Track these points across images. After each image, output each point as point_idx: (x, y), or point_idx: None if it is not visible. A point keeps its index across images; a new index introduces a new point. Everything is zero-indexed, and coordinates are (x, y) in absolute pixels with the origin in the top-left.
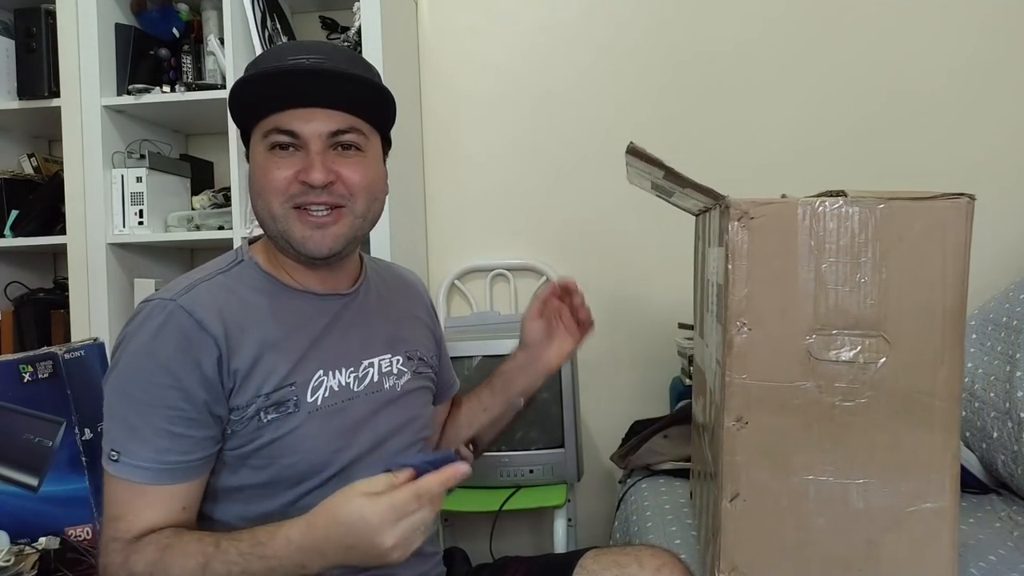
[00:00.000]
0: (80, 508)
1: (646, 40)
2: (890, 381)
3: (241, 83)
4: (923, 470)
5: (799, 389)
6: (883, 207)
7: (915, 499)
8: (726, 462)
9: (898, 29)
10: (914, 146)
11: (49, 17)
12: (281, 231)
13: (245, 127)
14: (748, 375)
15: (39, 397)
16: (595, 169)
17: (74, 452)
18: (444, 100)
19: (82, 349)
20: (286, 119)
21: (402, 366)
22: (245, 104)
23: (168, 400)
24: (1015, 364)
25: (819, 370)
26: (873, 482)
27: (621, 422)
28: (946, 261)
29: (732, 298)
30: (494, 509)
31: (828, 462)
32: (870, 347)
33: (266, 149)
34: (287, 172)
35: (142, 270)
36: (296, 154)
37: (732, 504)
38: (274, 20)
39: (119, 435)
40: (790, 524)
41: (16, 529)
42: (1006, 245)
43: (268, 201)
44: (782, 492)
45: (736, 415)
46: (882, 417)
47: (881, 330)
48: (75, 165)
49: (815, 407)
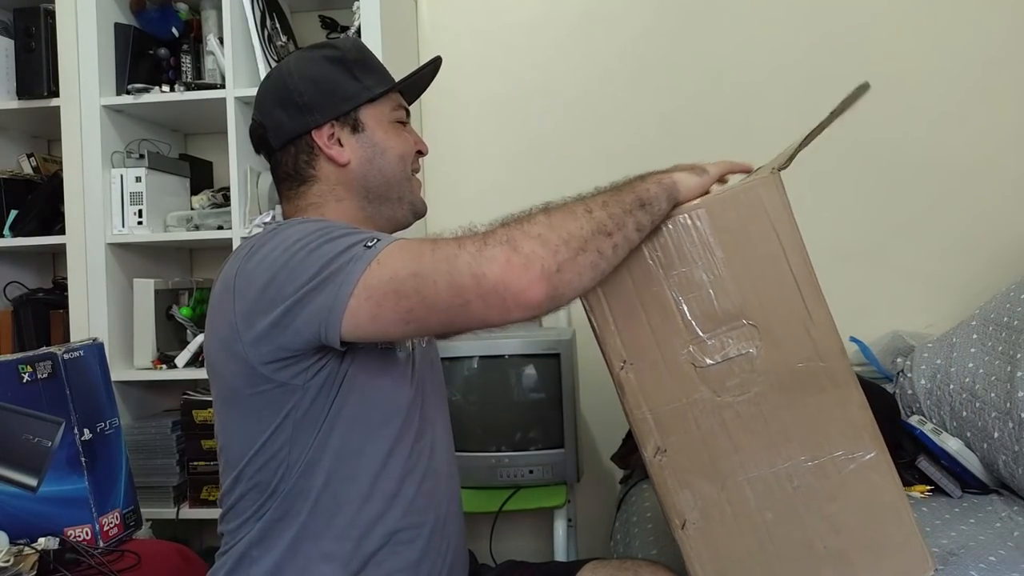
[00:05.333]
0: (79, 508)
1: (645, 40)
2: (772, 362)
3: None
4: (837, 431)
5: (697, 401)
6: (702, 209)
7: (845, 461)
8: (662, 493)
9: (898, 29)
10: (914, 146)
11: (48, 17)
12: (406, 192)
13: (357, 103)
14: (648, 406)
15: (38, 397)
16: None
17: (73, 452)
18: (444, 100)
19: (81, 349)
20: (401, 98)
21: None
22: (376, 80)
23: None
24: (1016, 364)
25: (707, 377)
26: (799, 460)
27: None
28: (777, 232)
29: (606, 344)
30: (494, 509)
31: (751, 458)
32: (742, 336)
33: (394, 121)
34: (410, 140)
35: (141, 270)
36: (403, 127)
37: (684, 531)
38: (273, 19)
39: (350, 240)
40: (743, 528)
41: (15, 529)
42: (1006, 245)
43: (406, 163)
44: (723, 502)
45: (653, 447)
46: (779, 397)
47: (746, 318)
48: (74, 165)
49: (718, 411)
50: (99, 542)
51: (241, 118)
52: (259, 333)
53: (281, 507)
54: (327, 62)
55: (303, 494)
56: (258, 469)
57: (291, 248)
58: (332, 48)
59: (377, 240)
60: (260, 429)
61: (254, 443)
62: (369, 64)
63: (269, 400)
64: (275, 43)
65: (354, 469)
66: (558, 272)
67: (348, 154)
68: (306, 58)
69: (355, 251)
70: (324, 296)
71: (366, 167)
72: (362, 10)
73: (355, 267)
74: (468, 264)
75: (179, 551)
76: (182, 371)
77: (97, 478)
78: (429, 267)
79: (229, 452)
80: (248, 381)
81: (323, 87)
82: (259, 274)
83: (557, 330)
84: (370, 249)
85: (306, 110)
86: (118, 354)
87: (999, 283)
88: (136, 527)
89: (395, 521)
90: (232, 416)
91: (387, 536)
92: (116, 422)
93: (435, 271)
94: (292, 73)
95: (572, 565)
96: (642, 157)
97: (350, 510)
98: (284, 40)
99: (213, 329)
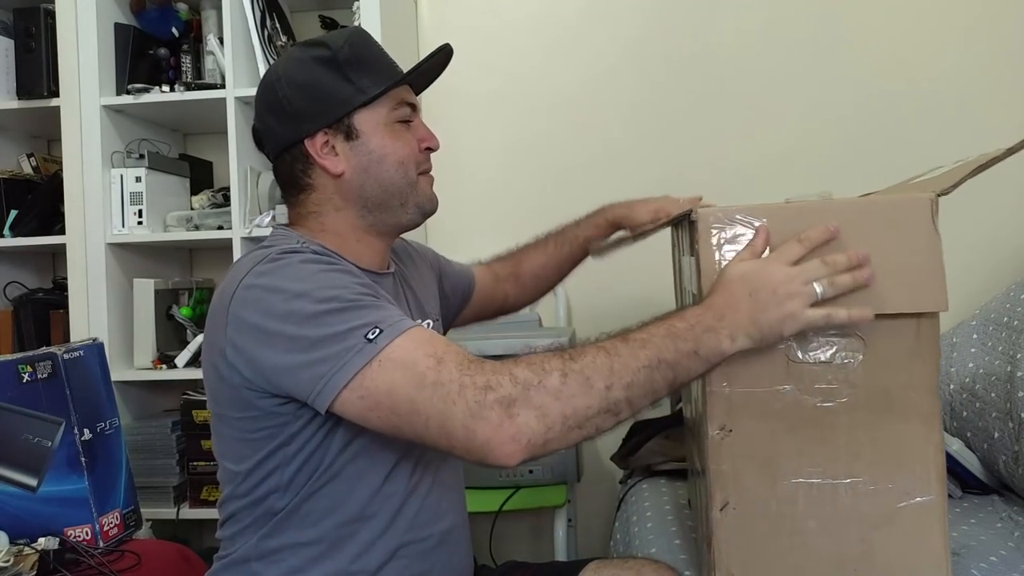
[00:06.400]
0: (79, 508)
1: (646, 40)
2: (868, 378)
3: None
4: (908, 464)
5: (779, 393)
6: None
7: (903, 495)
8: (713, 471)
9: (898, 28)
10: (914, 145)
11: (48, 17)
12: (410, 197)
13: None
14: (728, 383)
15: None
16: (595, 169)
17: (73, 452)
18: (444, 100)
19: (81, 349)
20: (405, 93)
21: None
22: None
23: (363, 287)
24: (1016, 364)
25: (798, 373)
26: (860, 480)
27: None
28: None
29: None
30: (494, 509)
31: (814, 464)
32: (846, 346)
33: (394, 121)
34: (413, 141)
35: (141, 270)
36: (407, 126)
37: (723, 513)
38: (273, 19)
39: (353, 321)
40: (782, 528)
41: (15, 529)
42: (1006, 245)
43: (408, 168)
44: (771, 497)
45: (719, 424)
46: (863, 415)
47: (856, 328)
48: (74, 165)
49: (797, 410)
50: (99, 542)
51: (241, 118)
52: (247, 369)
53: (280, 524)
54: (317, 64)
55: (301, 513)
56: (253, 487)
57: (290, 304)
58: (323, 47)
59: (379, 331)
60: (253, 450)
61: (247, 463)
62: (365, 61)
63: (260, 426)
64: (275, 43)
65: (354, 491)
66: (543, 446)
67: (343, 164)
68: (295, 60)
69: (355, 340)
70: (315, 374)
71: (362, 177)
72: (362, 10)
73: (354, 360)
74: (463, 415)
75: (179, 551)
76: (182, 371)
77: (97, 478)
78: (426, 402)
79: (223, 468)
80: (236, 405)
81: (313, 93)
82: (252, 314)
83: (557, 330)
84: (371, 343)
85: (297, 118)
86: (118, 354)
87: (999, 283)
88: (136, 527)
89: (399, 537)
90: (224, 434)
91: (390, 552)
92: (116, 422)
93: (430, 408)
94: (281, 78)
95: (573, 565)
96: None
97: (352, 529)
98: (284, 40)
99: (207, 344)
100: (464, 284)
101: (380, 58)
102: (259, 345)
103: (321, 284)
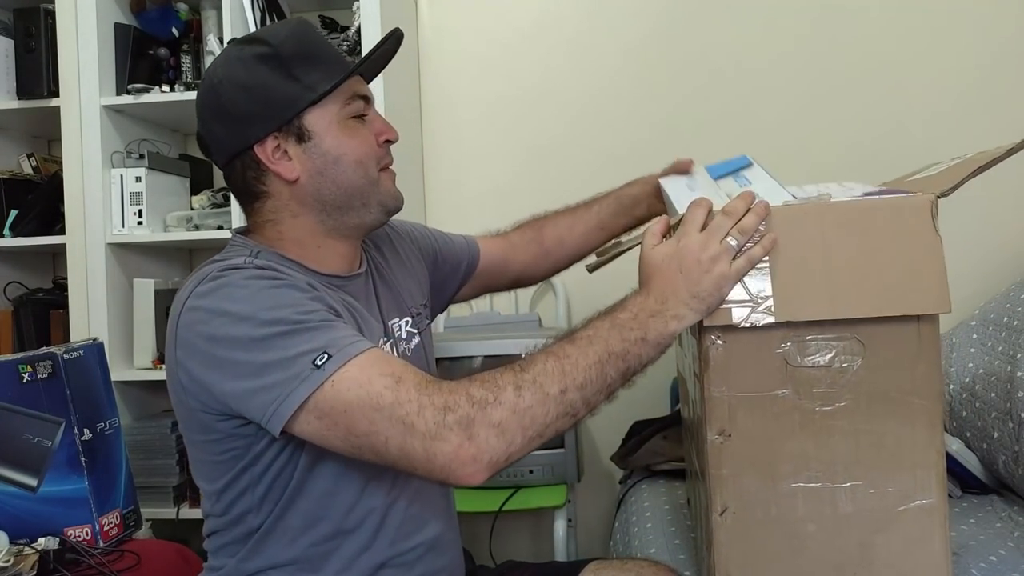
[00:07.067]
0: (79, 508)
1: (649, 42)
2: (867, 382)
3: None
4: (909, 468)
5: (779, 397)
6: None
7: (903, 498)
8: (712, 476)
9: (897, 27)
10: (914, 145)
11: (48, 17)
12: (372, 196)
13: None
14: (727, 387)
15: (38, 397)
16: (595, 169)
17: (73, 452)
18: (444, 100)
19: (81, 349)
20: (356, 85)
21: (411, 328)
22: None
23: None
24: (1016, 364)
25: (796, 377)
26: (860, 484)
27: (621, 422)
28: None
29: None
30: (494, 509)
31: (814, 468)
32: (844, 350)
33: (348, 117)
34: (370, 136)
35: (141, 270)
36: (362, 120)
37: (722, 517)
38: (273, 19)
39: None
40: (781, 532)
41: (15, 529)
42: (1006, 245)
43: (368, 167)
44: (771, 501)
45: (719, 428)
46: (863, 419)
47: (854, 332)
48: (74, 165)
49: (796, 414)
50: (99, 542)
51: None
52: (201, 393)
53: (258, 544)
54: (258, 62)
55: (278, 533)
56: (228, 506)
57: (236, 328)
58: (262, 44)
59: (327, 357)
60: (221, 472)
61: (218, 483)
62: (312, 55)
63: (224, 448)
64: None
65: (329, 507)
66: (506, 461)
67: (297, 168)
68: (236, 60)
69: (301, 367)
70: (265, 400)
71: (318, 180)
72: (362, 10)
73: (300, 389)
74: (423, 437)
75: (179, 551)
76: None
77: (97, 478)
78: (384, 422)
79: (199, 486)
80: (198, 428)
81: (257, 94)
82: (197, 338)
83: (557, 330)
84: (319, 370)
85: (244, 123)
86: (118, 354)
87: (999, 283)
88: (136, 527)
89: (382, 552)
90: (194, 456)
91: (375, 567)
92: (116, 422)
93: (389, 428)
94: (222, 80)
95: (573, 565)
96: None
97: (332, 545)
98: None
99: (166, 360)
100: (466, 257)
101: (326, 51)
102: (208, 370)
103: (265, 305)
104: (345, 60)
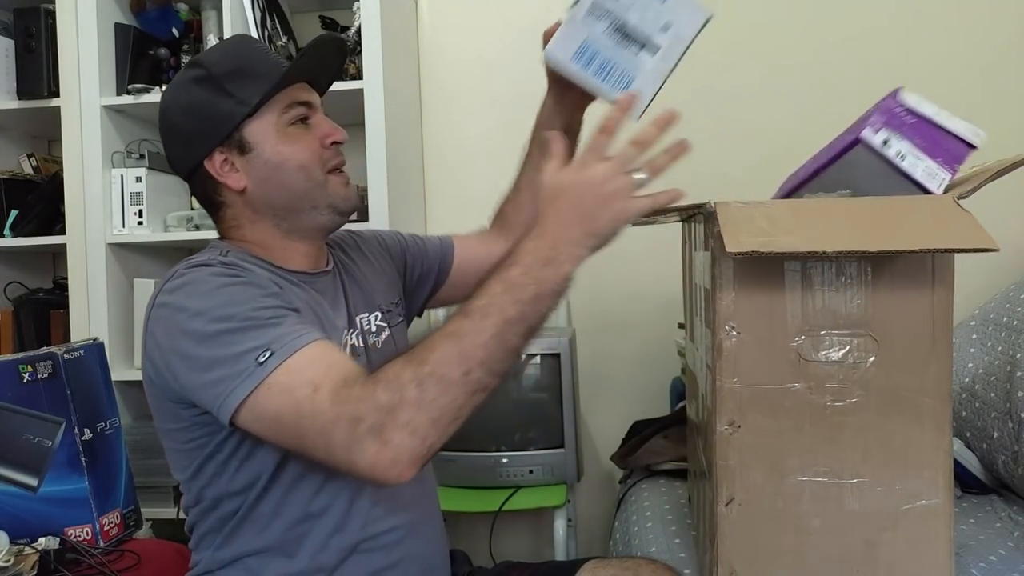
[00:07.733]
0: (79, 508)
1: None
2: (880, 380)
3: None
4: (916, 468)
5: (790, 391)
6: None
7: (910, 497)
8: (720, 467)
9: (896, 27)
10: None
11: (48, 17)
12: (321, 198)
13: (235, 122)
14: (739, 379)
15: (38, 397)
16: None
17: (73, 452)
18: (444, 99)
19: (81, 349)
20: (297, 92)
21: (380, 322)
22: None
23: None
24: (1015, 364)
25: (809, 371)
26: (867, 481)
27: (621, 422)
28: (933, 259)
29: (720, 302)
30: (493, 510)
31: (822, 463)
32: (859, 347)
33: (288, 124)
34: (314, 140)
35: (142, 270)
36: (307, 125)
37: (728, 508)
38: (273, 20)
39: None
40: (786, 526)
41: (15, 529)
42: (1006, 245)
43: (311, 170)
44: (777, 495)
45: (728, 419)
46: (873, 416)
47: (869, 329)
48: (74, 165)
49: (806, 408)
50: (99, 542)
51: None
52: (163, 382)
53: (234, 532)
54: (195, 85)
55: (252, 519)
56: (199, 493)
57: (191, 323)
58: (198, 67)
59: (270, 354)
60: (189, 460)
61: (187, 472)
62: (243, 71)
63: (189, 437)
64: (275, 43)
65: (295, 491)
66: (428, 453)
67: (243, 178)
68: (178, 85)
69: (245, 364)
70: (214, 393)
71: (265, 188)
72: (362, 10)
73: (243, 385)
74: (341, 448)
75: (179, 551)
76: None
77: (97, 478)
78: (307, 430)
79: (174, 475)
80: (166, 417)
81: (199, 113)
82: (160, 332)
83: (557, 330)
84: (261, 367)
85: (192, 141)
86: (118, 354)
87: (999, 283)
88: (136, 527)
89: (354, 535)
90: (166, 444)
91: (347, 550)
92: (116, 422)
93: (313, 437)
94: (170, 105)
95: (571, 564)
96: None
97: (304, 528)
98: (284, 40)
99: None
100: (440, 255)
101: (260, 64)
102: (168, 361)
103: (220, 301)
104: (279, 72)
